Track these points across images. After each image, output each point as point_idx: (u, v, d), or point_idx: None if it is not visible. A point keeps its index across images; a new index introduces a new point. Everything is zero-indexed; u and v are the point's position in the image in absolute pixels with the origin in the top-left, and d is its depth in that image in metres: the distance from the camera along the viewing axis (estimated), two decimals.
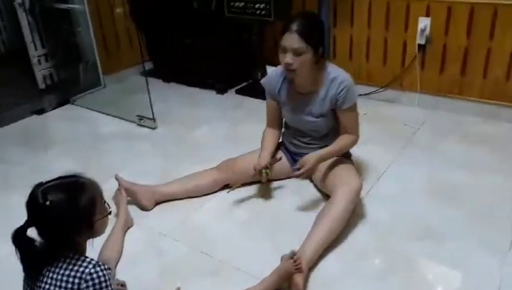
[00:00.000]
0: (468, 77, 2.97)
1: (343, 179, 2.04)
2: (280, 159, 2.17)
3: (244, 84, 3.73)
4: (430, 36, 2.99)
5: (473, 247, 1.90)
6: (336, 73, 2.05)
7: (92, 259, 1.30)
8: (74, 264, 1.27)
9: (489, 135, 2.79)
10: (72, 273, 1.25)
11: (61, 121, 3.35)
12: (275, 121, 2.30)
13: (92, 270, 1.25)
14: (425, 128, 2.92)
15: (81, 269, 1.26)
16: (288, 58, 1.92)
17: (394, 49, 3.16)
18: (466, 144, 2.69)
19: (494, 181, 2.32)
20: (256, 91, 3.49)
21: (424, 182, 2.36)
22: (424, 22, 2.96)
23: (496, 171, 2.40)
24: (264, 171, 2.16)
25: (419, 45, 3.03)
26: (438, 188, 2.30)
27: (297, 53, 1.91)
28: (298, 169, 2.04)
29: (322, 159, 2.10)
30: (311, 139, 2.22)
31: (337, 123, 2.17)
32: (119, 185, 2.21)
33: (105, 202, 1.40)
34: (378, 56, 3.24)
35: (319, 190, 2.29)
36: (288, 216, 2.13)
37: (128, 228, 2.09)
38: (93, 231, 1.36)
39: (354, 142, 2.17)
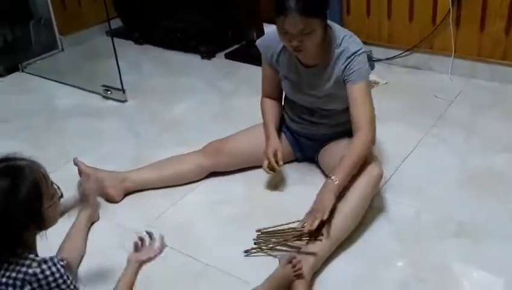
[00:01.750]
0: None
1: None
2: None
3: (236, 46, 3.70)
4: None
5: None
6: (345, 44, 1.99)
7: (36, 257, 1.30)
8: (20, 265, 1.27)
9: None
10: (20, 276, 1.26)
11: (9, 92, 3.32)
12: (274, 90, 2.26)
13: (38, 270, 1.26)
14: (461, 101, 2.90)
15: (24, 269, 1.26)
16: (295, 42, 1.88)
17: (422, 2, 3.12)
18: (511, 120, 2.67)
19: None
20: (250, 55, 3.46)
21: (458, 168, 2.35)
22: None
23: None
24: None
25: None
26: (476, 175, 2.29)
27: (304, 34, 1.86)
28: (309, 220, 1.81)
29: (338, 193, 1.88)
30: (320, 117, 2.18)
31: None
32: (80, 171, 2.18)
33: (52, 183, 1.38)
34: (403, 12, 3.20)
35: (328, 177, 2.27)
36: (288, 210, 2.10)
37: (92, 224, 2.08)
38: (43, 223, 1.34)
39: (366, 145, 1.95)
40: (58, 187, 1.41)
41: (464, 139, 2.56)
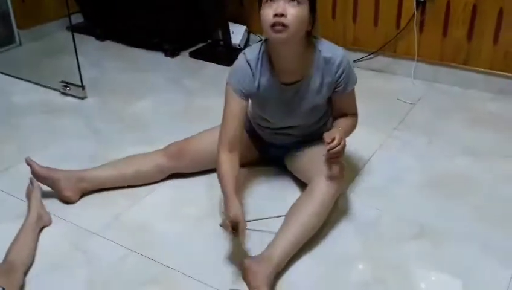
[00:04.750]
0: (476, 43, 3.00)
1: (323, 166, 2.01)
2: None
3: (201, 45, 3.69)
4: None
5: (477, 251, 1.92)
6: (329, 51, 1.95)
7: None
8: None
9: (500, 114, 2.83)
10: None
11: None
12: (236, 138, 1.98)
13: None
14: (423, 104, 2.94)
15: None
16: (280, 7, 1.74)
17: (387, 6, 3.16)
18: (472, 124, 2.72)
19: (505, 171, 2.36)
20: (215, 54, 3.46)
21: (420, 171, 2.38)
22: None
23: (508, 159, 2.44)
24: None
25: (418, 2, 3.04)
26: (437, 178, 2.32)
27: (291, 1, 1.76)
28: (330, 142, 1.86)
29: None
30: (294, 130, 2.17)
31: (329, 108, 2.15)
32: (32, 171, 2.12)
33: None
34: (368, 15, 3.24)
35: (293, 177, 2.27)
36: (252, 210, 2.10)
37: (43, 227, 2.02)
38: None
39: (356, 123, 2.15)
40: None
41: (425, 142, 2.59)
